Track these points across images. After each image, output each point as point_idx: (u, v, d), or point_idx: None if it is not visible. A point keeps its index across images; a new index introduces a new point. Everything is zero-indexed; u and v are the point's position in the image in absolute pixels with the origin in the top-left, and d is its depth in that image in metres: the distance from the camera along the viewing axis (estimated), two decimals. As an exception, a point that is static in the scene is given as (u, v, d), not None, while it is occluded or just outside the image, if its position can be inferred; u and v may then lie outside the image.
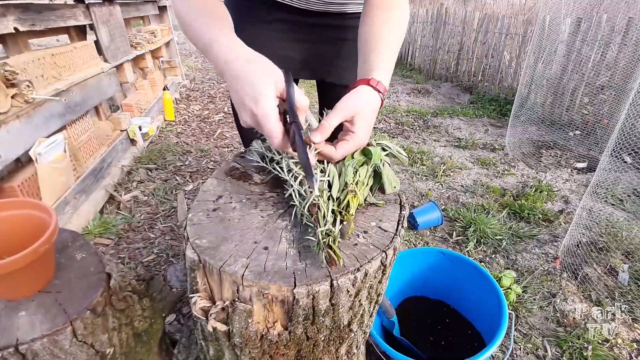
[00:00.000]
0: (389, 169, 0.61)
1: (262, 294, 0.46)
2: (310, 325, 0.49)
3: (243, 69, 0.50)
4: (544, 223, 1.82)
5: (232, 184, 0.63)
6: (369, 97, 0.58)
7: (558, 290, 1.41)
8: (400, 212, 0.58)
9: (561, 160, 2.48)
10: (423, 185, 2.21)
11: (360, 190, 0.57)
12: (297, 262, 0.48)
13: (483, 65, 4.07)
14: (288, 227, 0.54)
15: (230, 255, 0.48)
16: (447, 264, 1.02)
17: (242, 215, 0.56)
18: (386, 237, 0.53)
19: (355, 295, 0.50)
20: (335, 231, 0.48)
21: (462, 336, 1.04)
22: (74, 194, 1.81)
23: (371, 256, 0.49)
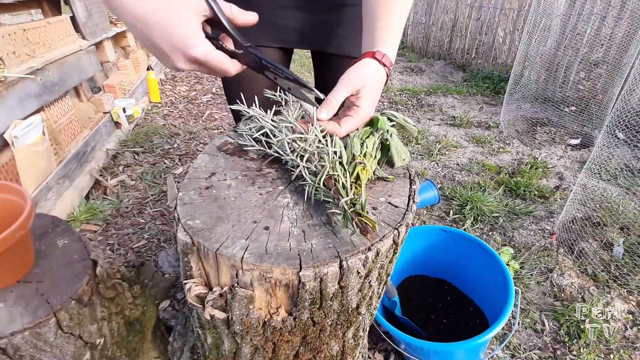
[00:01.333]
0: (397, 140, 0.56)
1: (264, 278, 0.41)
2: (317, 310, 0.45)
3: (157, 13, 0.41)
4: (539, 199, 1.82)
5: (225, 159, 0.58)
6: (375, 71, 0.55)
7: (555, 265, 1.41)
8: (411, 186, 0.54)
9: (555, 137, 2.47)
10: (419, 165, 2.17)
11: (369, 162, 0.52)
12: (302, 242, 0.44)
13: (477, 42, 3.99)
14: (290, 204, 0.49)
15: (227, 236, 0.43)
16: (449, 241, 1.00)
17: (238, 193, 0.51)
18: (397, 213, 0.49)
19: (366, 276, 0.46)
20: (362, 199, 0.44)
21: (463, 314, 1.03)
22: (57, 179, 1.72)
23: (383, 234, 0.45)
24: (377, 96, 0.56)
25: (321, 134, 0.51)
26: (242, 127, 0.59)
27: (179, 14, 0.41)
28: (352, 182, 0.48)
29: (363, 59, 0.56)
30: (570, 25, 2.69)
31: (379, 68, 0.55)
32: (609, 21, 2.53)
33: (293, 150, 0.51)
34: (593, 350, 1.11)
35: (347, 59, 0.88)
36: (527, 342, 1.15)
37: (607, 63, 2.51)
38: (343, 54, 0.87)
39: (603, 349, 1.13)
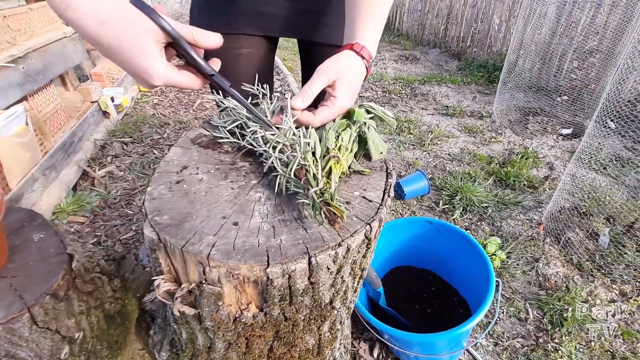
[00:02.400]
0: (374, 133, 0.55)
1: (231, 274, 0.41)
2: (287, 305, 0.45)
3: (114, 41, 0.40)
4: (529, 189, 1.83)
5: (199, 152, 0.56)
6: (352, 63, 0.54)
7: (541, 255, 1.43)
8: (387, 180, 0.53)
9: (547, 127, 2.46)
10: (410, 155, 2.17)
11: (344, 156, 0.51)
12: (270, 238, 0.43)
13: (472, 30, 3.94)
14: (262, 199, 0.49)
15: (194, 232, 0.43)
16: (434, 233, 1.00)
17: (209, 187, 0.50)
18: (371, 207, 0.48)
19: (337, 272, 0.45)
20: (331, 188, 0.43)
21: (447, 304, 1.04)
22: (43, 170, 1.70)
23: (354, 229, 0.44)
24: (354, 88, 0.55)
25: (295, 126, 0.50)
26: (217, 120, 0.57)
27: (134, 43, 0.41)
28: (324, 175, 0.47)
29: (341, 51, 0.55)
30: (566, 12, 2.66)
31: (357, 60, 0.54)
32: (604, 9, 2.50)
33: (266, 142, 0.49)
34: (574, 338, 1.13)
35: (333, 48, 0.86)
36: (510, 331, 1.17)
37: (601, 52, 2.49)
38: (329, 43, 0.85)
39: (585, 336, 1.15)
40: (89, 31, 0.40)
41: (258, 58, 0.85)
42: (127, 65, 0.42)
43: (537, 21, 2.72)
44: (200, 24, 0.83)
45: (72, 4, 0.39)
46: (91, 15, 0.39)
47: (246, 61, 0.84)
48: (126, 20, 0.40)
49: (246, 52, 0.84)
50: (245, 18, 0.81)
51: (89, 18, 0.39)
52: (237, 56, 0.84)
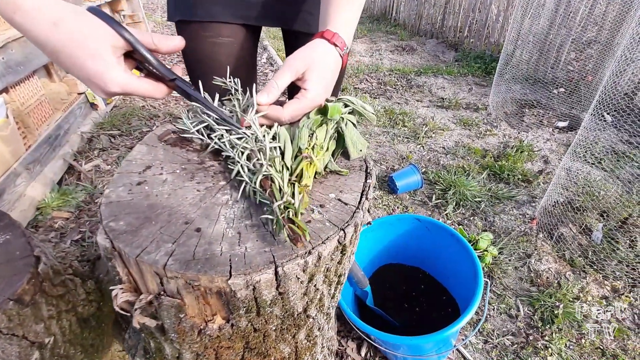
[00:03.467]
0: (353, 130, 0.51)
1: (191, 286, 0.38)
2: (255, 317, 0.42)
3: (67, 48, 0.38)
4: (523, 184, 1.80)
5: (165, 151, 0.53)
6: (323, 51, 0.51)
7: (533, 250, 1.41)
8: (366, 180, 0.50)
9: (543, 120, 2.43)
10: (404, 148, 2.13)
11: (318, 155, 0.48)
12: (235, 245, 0.40)
13: (470, 19, 3.87)
14: (229, 202, 0.45)
15: (152, 240, 0.39)
16: (423, 230, 0.97)
17: (173, 189, 0.46)
18: (346, 211, 0.45)
19: (309, 280, 0.42)
20: (295, 203, 0.40)
21: (437, 302, 1.02)
22: (26, 164, 1.65)
23: (326, 236, 0.41)
24: (328, 78, 0.51)
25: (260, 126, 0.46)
26: (185, 118, 0.53)
27: (88, 45, 0.38)
28: (294, 180, 0.44)
29: (312, 40, 0.51)
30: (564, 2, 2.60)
31: (329, 48, 0.51)
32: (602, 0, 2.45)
33: (233, 146, 0.46)
34: (565, 335, 1.12)
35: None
36: (500, 328, 1.16)
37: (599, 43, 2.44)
38: (310, 32, 0.81)
39: (575, 333, 1.13)
40: (38, 33, 0.37)
41: (238, 47, 0.81)
42: (80, 70, 0.39)
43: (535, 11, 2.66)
44: (177, 12, 0.79)
45: (22, 6, 0.36)
46: (43, 15, 0.36)
47: (225, 51, 0.80)
48: (81, 21, 0.38)
49: (225, 41, 0.80)
50: (222, 5, 0.77)
51: (41, 18, 0.36)
52: (215, 45, 0.80)
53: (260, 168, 0.41)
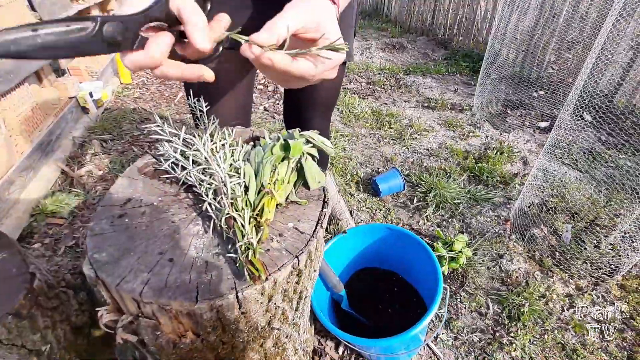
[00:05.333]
0: (312, 164, 0.58)
1: (164, 309, 0.44)
2: (221, 332, 0.49)
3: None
4: (501, 185, 1.88)
5: (144, 183, 0.59)
6: (323, 3, 0.43)
7: (506, 251, 1.49)
8: (322, 210, 0.56)
9: (525, 120, 2.50)
10: (389, 150, 2.20)
11: (279, 190, 0.54)
12: (202, 274, 0.46)
13: (459, 18, 3.90)
14: (200, 232, 0.52)
15: (130, 270, 0.46)
16: (394, 238, 1.04)
17: (150, 221, 0.53)
18: (302, 240, 0.51)
19: (269, 300, 0.49)
20: (254, 244, 0.46)
21: (408, 303, 1.10)
22: (20, 171, 1.70)
23: (281, 263, 0.48)
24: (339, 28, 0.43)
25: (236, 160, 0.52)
26: (162, 150, 0.60)
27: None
28: (257, 214, 0.50)
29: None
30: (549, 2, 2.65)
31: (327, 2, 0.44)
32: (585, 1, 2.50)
33: (202, 182, 0.52)
34: (529, 331, 1.21)
35: None
36: (470, 325, 1.24)
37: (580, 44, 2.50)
38: None
39: (539, 330, 1.22)
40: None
41: (237, 72, 0.84)
42: None
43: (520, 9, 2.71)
44: None
45: None
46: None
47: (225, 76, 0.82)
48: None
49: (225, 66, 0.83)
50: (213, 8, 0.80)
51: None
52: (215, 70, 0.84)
53: (223, 209, 0.48)
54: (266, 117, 2.48)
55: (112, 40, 0.30)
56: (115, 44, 0.31)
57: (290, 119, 1.08)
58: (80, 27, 0.28)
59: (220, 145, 0.59)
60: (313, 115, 1.03)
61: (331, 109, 1.08)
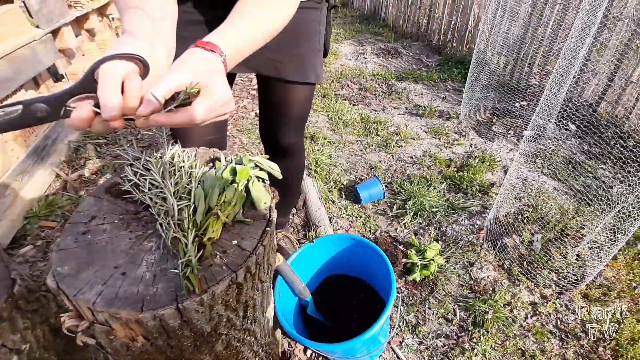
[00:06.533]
0: (259, 186, 0.64)
1: (114, 317, 0.51)
2: (167, 338, 0.55)
3: None
4: (479, 194, 1.93)
5: (109, 202, 0.66)
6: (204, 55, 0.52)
7: (476, 259, 1.55)
8: (265, 228, 0.63)
9: (510, 129, 2.55)
10: (374, 157, 2.26)
11: (226, 211, 0.61)
12: (149, 287, 0.53)
13: (452, 23, 3.95)
14: (153, 249, 0.58)
15: (87, 282, 0.53)
16: (359, 247, 1.11)
17: (110, 237, 0.59)
18: (242, 256, 0.58)
19: (210, 310, 0.56)
20: (193, 262, 0.53)
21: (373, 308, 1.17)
22: (15, 175, 1.78)
23: (220, 277, 0.54)
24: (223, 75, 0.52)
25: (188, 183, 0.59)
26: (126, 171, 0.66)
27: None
28: (201, 233, 0.57)
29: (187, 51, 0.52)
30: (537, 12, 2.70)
31: (206, 53, 0.52)
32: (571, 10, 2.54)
33: (155, 204, 0.59)
34: (492, 338, 1.27)
35: (282, 82, 0.95)
36: (436, 331, 1.30)
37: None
38: (279, 77, 0.93)
39: (501, 336, 1.28)
40: None
41: None
42: None
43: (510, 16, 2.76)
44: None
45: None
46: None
47: None
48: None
49: None
50: None
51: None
52: None
53: (169, 231, 0.54)
54: (257, 123, 2.55)
55: (39, 116, 0.39)
56: (43, 118, 0.40)
57: (265, 133, 1.15)
58: (11, 110, 0.37)
59: (179, 168, 0.66)
60: (286, 129, 1.10)
61: (303, 124, 1.15)
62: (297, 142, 1.17)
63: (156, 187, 0.62)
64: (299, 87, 0.99)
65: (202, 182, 0.64)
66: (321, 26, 0.97)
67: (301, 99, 1.03)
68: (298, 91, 1.00)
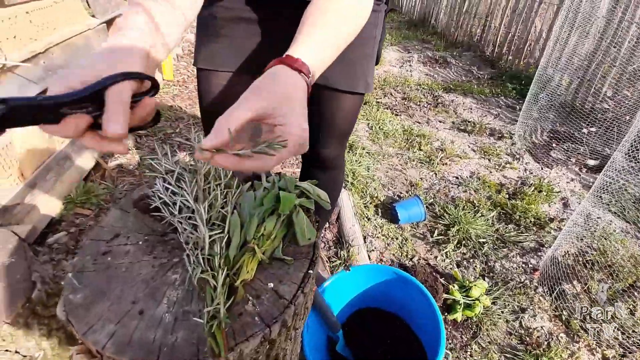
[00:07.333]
0: (303, 219, 0.54)
1: (124, 366, 0.43)
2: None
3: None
4: (534, 228, 1.73)
5: (136, 218, 0.58)
6: (289, 79, 0.44)
7: (529, 305, 1.36)
8: (308, 271, 0.52)
9: (572, 156, 2.30)
10: (415, 174, 2.11)
11: (264, 246, 0.51)
12: (168, 334, 0.44)
13: (510, 35, 3.69)
14: (176, 283, 0.50)
15: (99, 318, 0.45)
16: (400, 283, 0.98)
17: (131, 262, 0.52)
18: (279, 305, 0.48)
19: (235, 367, 0.46)
20: (221, 314, 0.43)
21: (409, 353, 1.03)
22: (58, 160, 1.81)
23: (251, 332, 0.45)
24: (302, 109, 0.43)
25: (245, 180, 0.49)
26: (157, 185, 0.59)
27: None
28: (233, 273, 0.47)
29: (270, 68, 0.45)
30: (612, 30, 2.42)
31: (292, 74, 0.45)
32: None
33: (184, 229, 0.50)
34: (544, 402, 1.09)
35: (327, 91, 0.85)
36: (477, 384, 1.15)
37: None
38: (324, 85, 0.83)
39: (555, 402, 1.10)
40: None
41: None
42: None
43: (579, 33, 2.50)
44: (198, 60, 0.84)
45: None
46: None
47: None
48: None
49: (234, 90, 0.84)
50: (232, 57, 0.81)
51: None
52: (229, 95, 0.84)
53: (196, 269, 0.45)
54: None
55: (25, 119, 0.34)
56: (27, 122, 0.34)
57: None
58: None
59: (214, 187, 0.57)
60: (328, 142, 0.99)
61: (347, 137, 1.04)
62: (338, 156, 1.07)
63: (187, 207, 0.54)
64: (346, 97, 0.88)
65: (238, 207, 0.55)
66: (377, 30, 0.85)
67: (347, 110, 0.92)
68: (345, 101, 0.90)
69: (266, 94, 0.41)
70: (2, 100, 0.31)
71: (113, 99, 0.37)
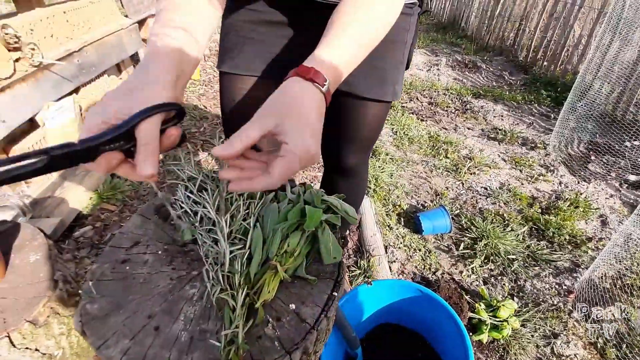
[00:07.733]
0: (329, 236, 0.51)
1: (137, 386, 0.41)
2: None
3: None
4: (569, 246, 1.62)
5: (156, 225, 0.57)
6: (298, 92, 0.43)
7: (562, 330, 1.27)
8: (332, 293, 0.49)
9: (612, 170, 2.15)
10: (441, 182, 2.03)
11: (287, 263, 0.48)
12: (183, 354, 0.42)
13: (546, 40, 3.51)
14: (194, 297, 0.48)
15: (114, 332, 0.43)
16: (425, 302, 0.93)
17: (150, 273, 0.50)
18: (300, 330, 0.45)
19: (251, 394, 0.43)
20: (239, 339, 0.41)
21: (432, 375, 0.98)
22: (87, 155, 1.86)
23: (270, 358, 0.42)
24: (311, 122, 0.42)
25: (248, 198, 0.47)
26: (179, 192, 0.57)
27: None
28: (254, 292, 0.44)
29: (284, 81, 0.45)
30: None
31: (304, 85, 0.43)
32: None
33: (205, 242, 0.48)
34: None
35: (353, 98, 0.81)
36: (503, 413, 1.07)
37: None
38: (350, 92, 0.80)
39: None
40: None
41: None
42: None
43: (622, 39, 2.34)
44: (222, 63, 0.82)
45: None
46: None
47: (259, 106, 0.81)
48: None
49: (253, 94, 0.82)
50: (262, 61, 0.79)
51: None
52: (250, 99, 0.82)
53: (214, 287, 0.43)
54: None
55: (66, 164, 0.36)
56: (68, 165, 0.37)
57: (326, 151, 1.02)
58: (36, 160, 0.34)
59: (236, 197, 0.54)
60: (352, 150, 0.96)
61: (371, 145, 1.00)
62: (362, 164, 1.02)
63: (208, 217, 0.52)
64: (373, 104, 0.84)
65: (261, 219, 0.52)
66: (409, 34, 0.81)
67: (373, 118, 0.88)
68: (371, 109, 0.85)
69: (272, 111, 0.41)
70: (44, 152, 0.34)
71: (145, 140, 0.38)
